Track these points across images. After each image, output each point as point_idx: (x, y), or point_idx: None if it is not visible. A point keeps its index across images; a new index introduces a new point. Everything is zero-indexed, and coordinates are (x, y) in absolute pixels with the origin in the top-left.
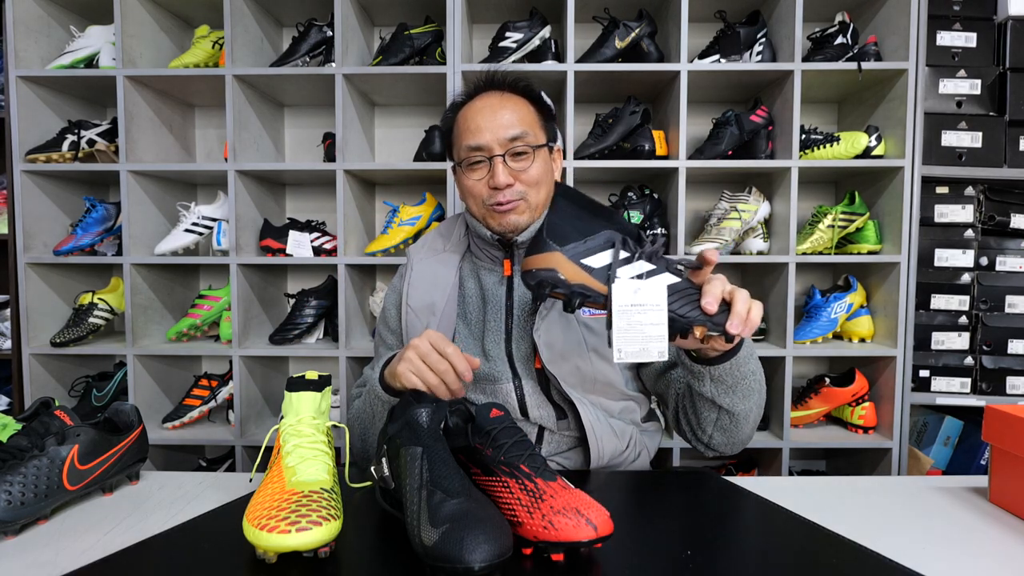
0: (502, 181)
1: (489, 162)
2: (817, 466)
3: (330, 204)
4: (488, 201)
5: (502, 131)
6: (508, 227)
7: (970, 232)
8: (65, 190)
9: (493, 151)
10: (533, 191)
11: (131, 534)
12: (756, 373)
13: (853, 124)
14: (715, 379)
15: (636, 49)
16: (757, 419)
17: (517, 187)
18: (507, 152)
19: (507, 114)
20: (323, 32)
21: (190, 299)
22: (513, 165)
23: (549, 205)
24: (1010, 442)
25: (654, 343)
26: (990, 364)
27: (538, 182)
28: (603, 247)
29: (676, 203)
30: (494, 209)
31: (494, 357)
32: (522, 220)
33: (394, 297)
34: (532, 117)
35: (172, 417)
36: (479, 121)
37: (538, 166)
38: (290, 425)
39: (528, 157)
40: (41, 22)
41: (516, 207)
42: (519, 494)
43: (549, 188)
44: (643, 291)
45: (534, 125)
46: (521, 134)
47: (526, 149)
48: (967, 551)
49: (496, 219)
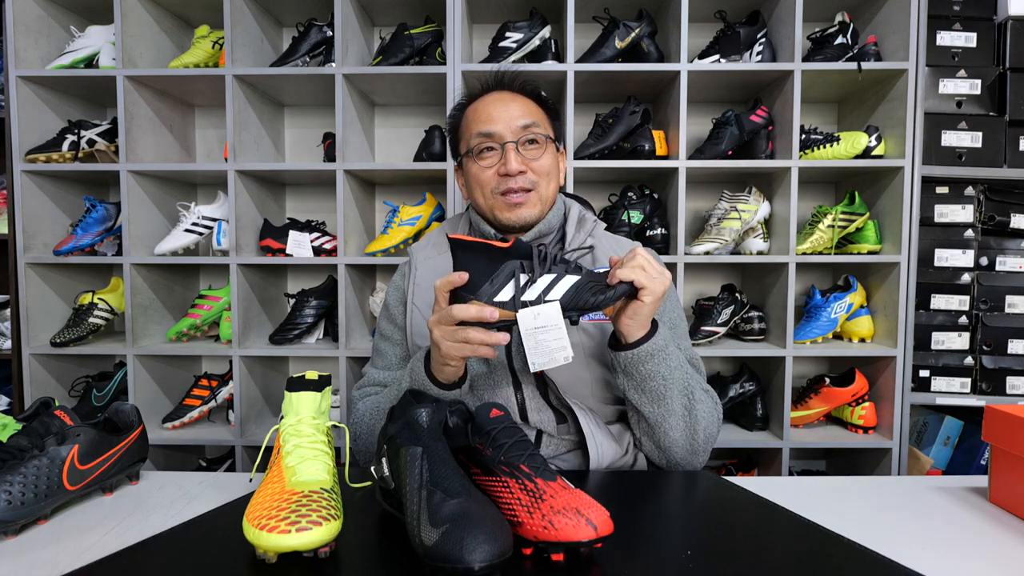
0: (514, 167)
1: (501, 149)
2: (817, 466)
3: (330, 204)
4: (498, 189)
5: (514, 120)
6: (519, 221)
7: (970, 232)
8: (65, 190)
9: (505, 138)
10: (544, 182)
11: (131, 534)
12: (667, 379)
13: (853, 124)
14: (624, 371)
15: (636, 49)
16: (686, 437)
17: (529, 175)
18: (519, 140)
19: (518, 105)
20: (323, 32)
21: (190, 299)
22: (525, 153)
23: (453, 262)
24: (1010, 442)
25: (558, 352)
26: (990, 364)
27: (548, 173)
28: (506, 280)
29: (676, 203)
30: (506, 200)
31: (494, 363)
32: (533, 214)
33: (397, 295)
34: (542, 114)
35: (172, 417)
36: (491, 111)
37: (548, 157)
38: (290, 425)
39: (540, 146)
40: (41, 22)
41: (527, 199)
42: (519, 494)
43: (557, 183)
44: (541, 315)
45: (544, 120)
46: (533, 123)
47: (538, 137)
48: (967, 551)
49: (506, 211)
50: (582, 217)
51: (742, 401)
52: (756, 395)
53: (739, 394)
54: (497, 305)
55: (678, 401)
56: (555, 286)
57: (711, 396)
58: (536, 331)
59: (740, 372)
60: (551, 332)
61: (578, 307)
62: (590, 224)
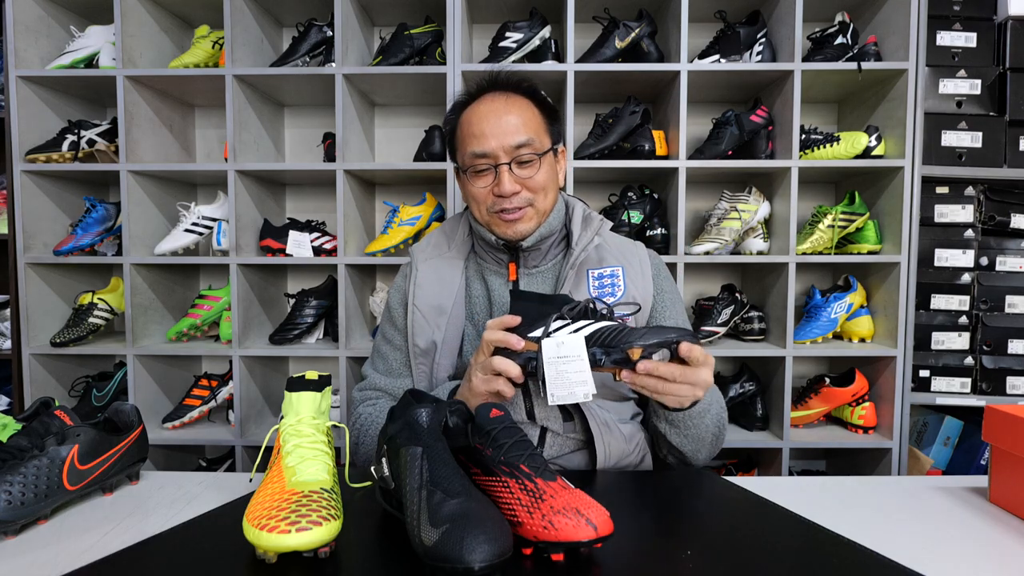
0: (508, 190)
1: (495, 170)
2: (817, 466)
3: (330, 204)
4: (493, 208)
5: (507, 138)
6: (515, 236)
7: (970, 232)
8: (65, 190)
9: (499, 159)
10: (540, 196)
11: (131, 534)
12: (711, 427)
13: (853, 124)
14: (668, 421)
15: (636, 49)
16: (709, 453)
17: (524, 194)
18: (513, 160)
19: (512, 119)
20: (323, 32)
21: (190, 299)
22: (519, 172)
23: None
24: (1010, 442)
25: (579, 387)
26: (990, 364)
27: (544, 187)
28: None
29: (676, 203)
30: (501, 217)
31: None
32: (529, 227)
33: (399, 296)
34: (537, 121)
35: (172, 417)
36: (483, 127)
37: (544, 172)
38: (290, 425)
39: (534, 164)
40: (41, 22)
41: (523, 214)
42: (519, 494)
43: (555, 191)
44: (566, 345)
45: (539, 129)
46: (527, 141)
47: (532, 157)
48: (967, 551)
49: (502, 227)
50: (587, 216)
51: (742, 401)
52: (756, 395)
53: (739, 394)
54: (530, 339)
55: (710, 432)
56: (588, 327)
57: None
58: (558, 360)
59: (740, 372)
60: (573, 363)
61: (604, 344)
62: (596, 223)
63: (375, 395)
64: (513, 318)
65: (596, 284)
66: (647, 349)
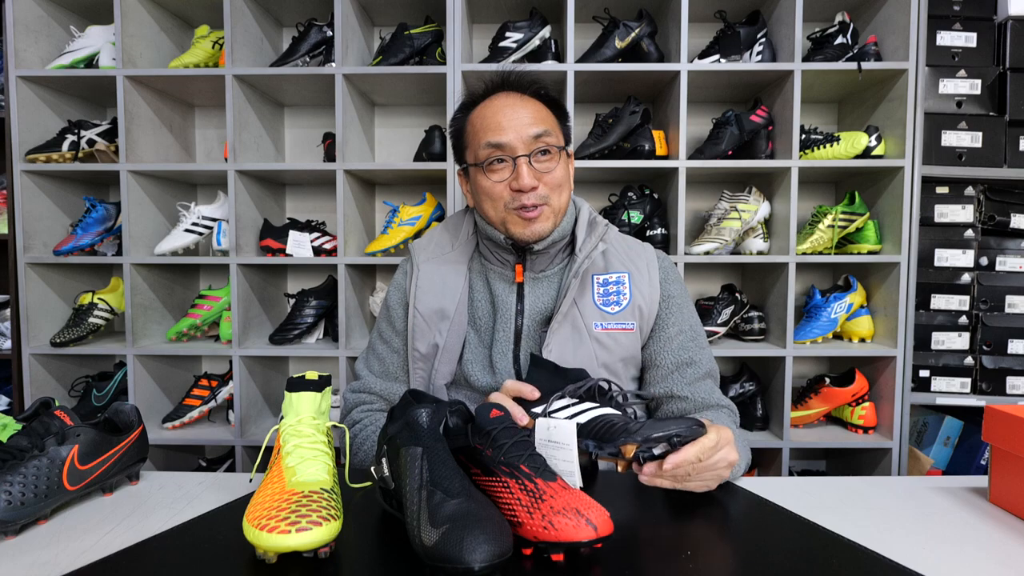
0: (527, 183)
1: (512, 162)
2: (817, 466)
3: (330, 204)
4: (512, 204)
5: (525, 129)
6: (532, 236)
7: (970, 232)
8: (65, 190)
9: (517, 151)
10: (555, 194)
11: (131, 534)
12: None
13: (853, 124)
14: None
15: (636, 49)
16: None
17: (540, 190)
18: (532, 152)
19: (528, 112)
20: (323, 32)
21: (190, 299)
22: (537, 166)
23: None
24: (1010, 442)
25: (566, 477)
26: (990, 364)
27: (560, 185)
28: (556, 399)
29: (676, 203)
30: (519, 215)
31: (500, 371)
32: (547, 227)
33: (398, 295)
34: (552, 119)
35: (172, 417)
36: (499, 119)
37: (561, 168)
38: (290, 425)
39: (553, 157)
40: (41, 22)
41: (541, 213)
42: (519, 494)
43: (569, 191)
44: (555, 430)
45: (555, 126)
46: (545, 131)
47: (551, 147)
48: (967, 551)
49: (520, 226)
50: (592, 220)
51: (742, 401)
52: (756, 395)
53: (739, 394)
54: (533, 415)
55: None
56: (588, 413)
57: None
58: (547, 444)
59: (740, 372)
60: (561, 451)
61: (597, 436)
62: (601, 228)
63: (369, 399)
64: (531, 389)
65: (601, 291)
66: (644, 445)
